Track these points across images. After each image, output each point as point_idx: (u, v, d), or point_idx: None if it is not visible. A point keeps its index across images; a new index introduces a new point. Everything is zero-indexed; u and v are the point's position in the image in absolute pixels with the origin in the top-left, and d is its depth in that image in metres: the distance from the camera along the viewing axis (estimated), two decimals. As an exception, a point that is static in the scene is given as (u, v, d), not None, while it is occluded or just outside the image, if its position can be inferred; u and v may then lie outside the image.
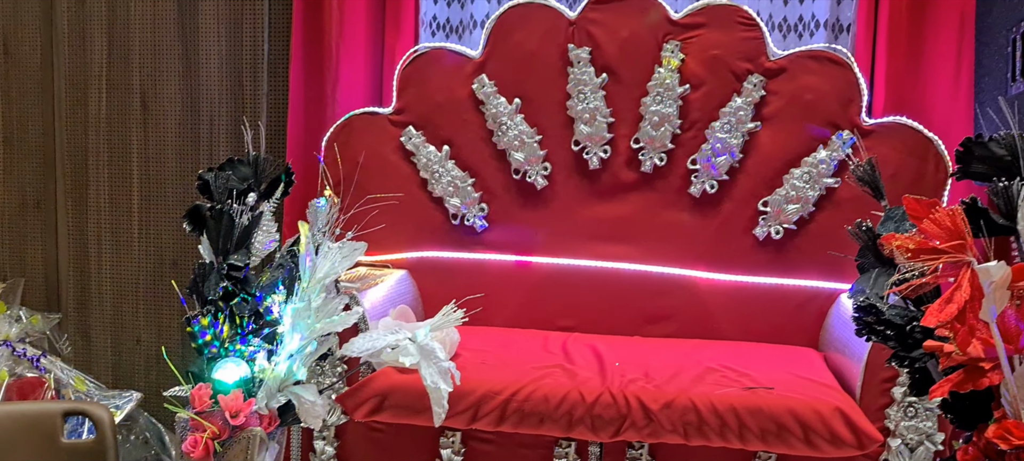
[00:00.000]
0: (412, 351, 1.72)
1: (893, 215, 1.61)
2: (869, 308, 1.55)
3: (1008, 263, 1.43)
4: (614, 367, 2.10)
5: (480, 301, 2.32)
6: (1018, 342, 1.40)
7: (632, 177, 2.51)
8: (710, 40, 2.44)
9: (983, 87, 2.33)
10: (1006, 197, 1.51)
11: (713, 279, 2.47)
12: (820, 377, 2.06)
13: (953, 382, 1.42)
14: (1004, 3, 2.18)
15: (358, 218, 2.12)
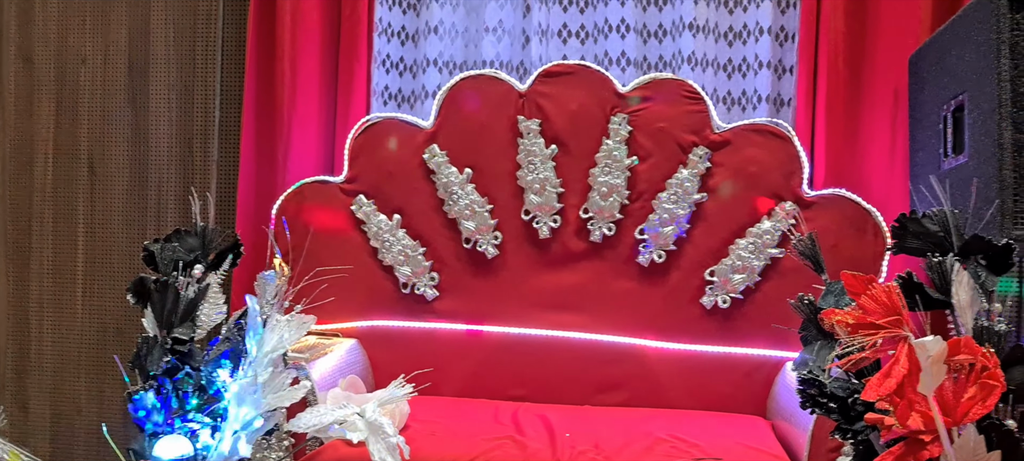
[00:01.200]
0: (360, 427, 1.71)
1: (833, 289, 1.65)
2: (812, 381, 1.59)
3: (944, 337, 1.47)
4: (564, 438, 2.10)
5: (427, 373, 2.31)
6: (956, 415, 1.44)
7: (582, 247, 2.54)
8: (657, 113, 2.50)
9: (918, 161, 2.41)
10: (940, 272, 1.57)
11: (662, 348, 2.49)
12: (767, 447, 2.08)
13: (895, 455, 1.45)
14: (935, 82, 2.27)
15: (308, 288, 2.11)
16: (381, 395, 1.77)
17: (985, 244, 1.55)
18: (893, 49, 2.52)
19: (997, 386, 1.42)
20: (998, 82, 1.89)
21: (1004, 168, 1.88)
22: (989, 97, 1.93)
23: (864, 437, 1.54)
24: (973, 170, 2.02)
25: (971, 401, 1.42)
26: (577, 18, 2.76)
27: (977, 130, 2.01)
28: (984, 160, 1.96)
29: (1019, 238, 1.87)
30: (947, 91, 2.19)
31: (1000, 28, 1.89)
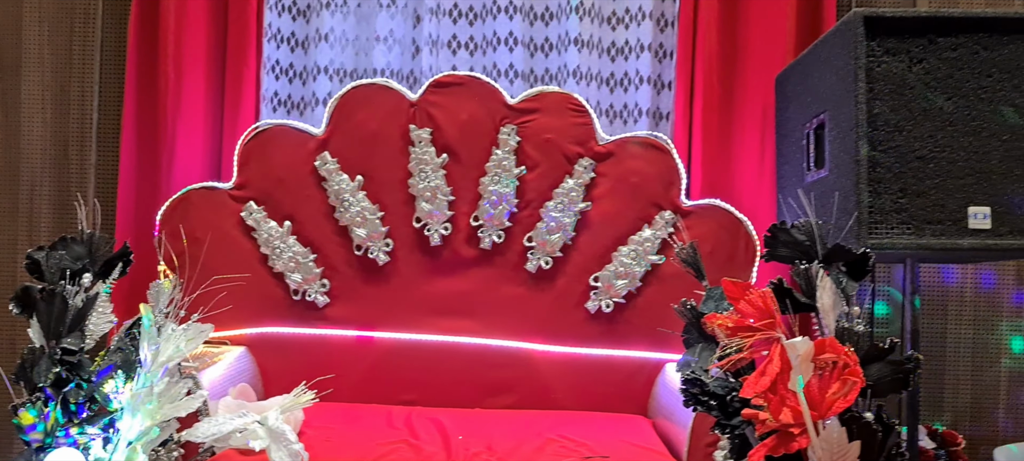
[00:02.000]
0: (262, 434, 1.71)
1: (713, 295, 1.77)
2: (695, 381, 1.70)
3: (810, 337, 1.61)
4: (458, 441, 2.15)
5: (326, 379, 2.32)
6: (822, 409, 1.57)
7: (472, 253, 2.60)
8: (544, 125, 2.59)
9: (784, 174, 2.59)
10: (806, 278, 1.71)
11: (549, 351, 2.58)
12: (650, 444, 2.20)
13: (768, 447, 1.57)
14: (799, 101, 2.45)
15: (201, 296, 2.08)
16: (283, 402, 1.78)
17: (845, 252, 1.70)
18: (762, 69, 2.70)
19: (857, 382, 1.57)
20: (855, 103, 2.07)
21: (861, 182, 2.06)
22: (847, 117, 2.11)
23: (740, 431, 1.66)
24: (833, 183, 2.20)
25: (835, 396, 1.56)
26: (467, 30, 2.82)
27: (837, 147, 2.19)
28: (843, 174, 2.14)
29: (875, 247, 2.05)
30: (810, 110, 2.37)
31: (857, 54, 2.08)
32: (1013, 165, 2.07)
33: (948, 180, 2.07)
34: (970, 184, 2.06)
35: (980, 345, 2.86)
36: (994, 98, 2.07)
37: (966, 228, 2.06)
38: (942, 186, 2.07)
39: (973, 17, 2.10)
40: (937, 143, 2.07)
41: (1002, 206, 2.06)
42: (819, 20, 2.69)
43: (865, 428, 1.60)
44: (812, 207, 1.82)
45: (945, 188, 2.07)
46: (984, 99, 2.08)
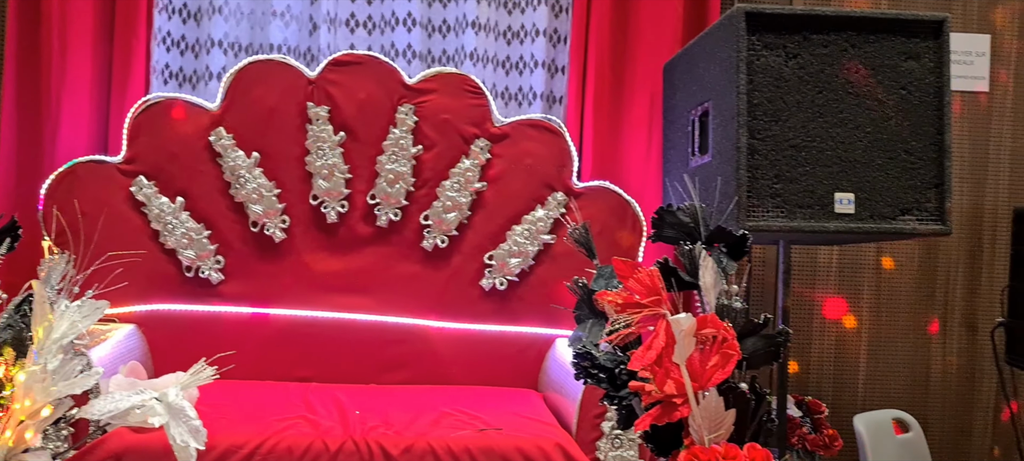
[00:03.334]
0: (160, 411, 1.70)
1: (603, 273, 1.86)
2: (585, 355, 1.79)
3: (693, 314, 1.72)
4: (354, 416, 2.19)
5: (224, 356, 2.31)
6: (702, 380, 1.69)
7: (368, 231, 2.63)
8: (441, 105, 2.64)
9: (669, 158, 2.72)
10: (690, 258, 1.82)
11: (444, 328, 2.65)
12: (541, 416, 2.29)
13: (653, 416, 1.68)
14: (685, 89, 2.57)
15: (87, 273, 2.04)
16: (182, 378, 1.77)
17: (726, 234, 1.82)
18: (651, 57, 2.82)
19: (734, 355, 1.69)
20: (736, 93, 2.20)
21: (740, 168, 2.19)
22: (729, 105, 2.24)
23: (627, 402, 1.77)
24: (716, 169, 2.34)
25: (714, 368, 1.68)
26: (365, 9, 2.83)
27: (719, 134, 2.33)
28: (725, 160, 2.28)
29: (752, 229, 2.19)
30: (695, 98, 2.50)
31: (739, 47, 2.20)
32: (875, 154, 2.24)
33: (817, 167, 2.22)
34: (837, 172, 2.23)
35: (844, 321, 3.08)
36: (860, 93, 2.24)
37: (833, 212, 2.22)
38: (812, 173, 2.22)
39: (843, 16, 2.26)
40: (809, 133, 2.23)
41: (864, 192, 2.23)
42: (705, 12, 2.82)
43: (740, 398, 1.72)
44: (696, 190, 1.94)
45: (815, 175, 2.22)
46: (851, 93, 2.24)
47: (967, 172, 3.14)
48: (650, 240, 1.91)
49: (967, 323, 3.16)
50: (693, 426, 1.70)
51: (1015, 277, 2.86)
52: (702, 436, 1.69)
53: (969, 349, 3.15)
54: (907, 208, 2.26)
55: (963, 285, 3.15)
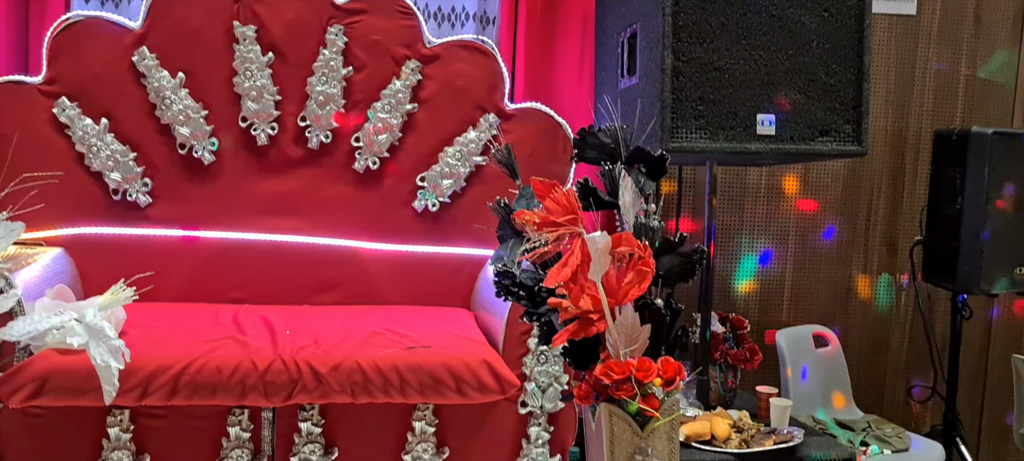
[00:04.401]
0: (80, 332, 1.71)
1: (525, 193, 1.89)
2: (506, 273, 1.83)
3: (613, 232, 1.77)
4: (285, 335, 2.22)
5: (147, 277, 2.32)
6: (618, 296, 1.74)
7: (299, 153, 2.62)
8: (372, 26, 2.61)
9: (600, 80, 2.74)
10: (611, 178, 1.86)
11: (376, 249, 2.67)
12: (470, 334, 2.34)
13: (570, 332, 1.73)
14: (616, 11, 2.58)
15: (9, 195, 2.02)
16: (101, 300, 1.77)
17: (645, 155, 1.85)
18: (583, -22, 2.82)
19: (649, 272, 1.74)
20: (662, 16, 2.22)
21: (665, 90, 2.22)
22: (655, 28, 2.26)
23: (547, 319, 1.82)
24: (642, 91, 2.36)
25: (629, 285, 1.73)
26: (292, -74, 2.76)
27: (646, 56, 2.35)
28: (651, 82, 2.30)
29: (676, 150, 2.24)
30: (624, 20, 2.51)
31: (665, -31, 2.21)
32: (796, 77, 2.29)
33: (741, 90, 2.26)
34: (759, 94, 2.27)
35: (772, 241, 3.17)
36: (782, 16, 2.27)
37: (755, 134, 2.27)
38: (735, 95, 2.26)
39: (768, -62, 2.28)
40: (733, 56, 2.26)
41: (785, 114, 2.28)
42: (637, -67, 2.81)
43: (655, 313, 1.79)
44: (618, 112, 1.97)
45: (738, 97, 2.27)
46: (774, 16, 2.27)
47: (893, 95, 3.22)
48: (573, 161, 1.94)
49: (888, 242, 3.27)
50: (609, 341, 1.76)
51: (933, 197, 2.96)
52: (618, 350, 1.75)
53: (889, 267, 3.27)
54: (826, 130, 2.32)
55: (885, 205, 3.25)
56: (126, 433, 2.10)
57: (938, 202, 2.93)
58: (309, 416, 2.16)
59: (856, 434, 2.77)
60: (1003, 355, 3.29)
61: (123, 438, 2.10)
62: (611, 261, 1.72)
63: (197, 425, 2.14)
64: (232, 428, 2.14)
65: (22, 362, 1.99)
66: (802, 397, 2.89)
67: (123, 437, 2.09)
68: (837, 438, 2.55)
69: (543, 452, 2.27)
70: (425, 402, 2.17)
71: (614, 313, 1.74)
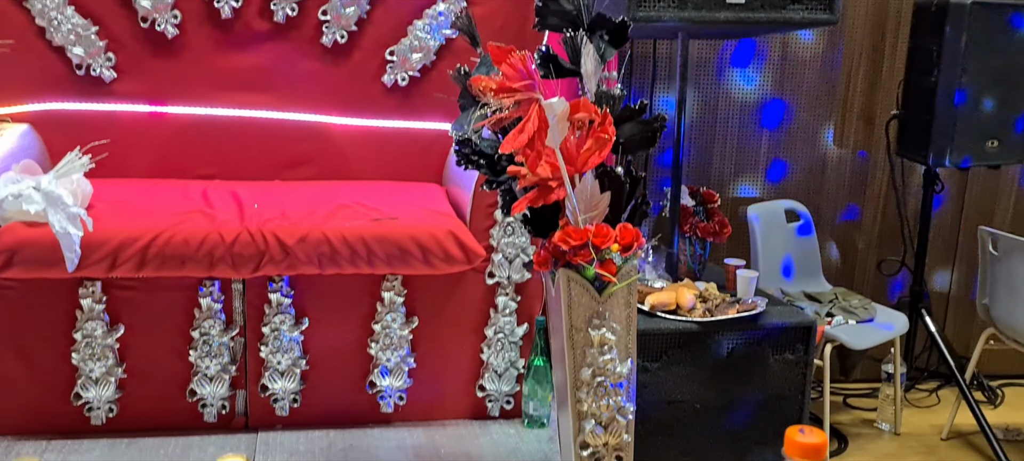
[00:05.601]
0: (37, 199, 1.71)
1: (486, 61, 1.87)
2: (466, 141, 1.83)
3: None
4: (252, 209, 2.23)
5: (115, 154, 2.32)
6: (577, 164, 1.74)
7: (265, 27, 2.57)
8: None
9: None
10: (573, 45, 1.84)
11: (346, 124, 2.65)
12: (439, 207, 2.35)
13: (529, 199, 1.74)
14: None
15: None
16: (57, 168, 1.77)
17: (606, 22, 1.83)
18: None
19: (609, 139, 1.74)
20: None
21: (633, -43, 2.17)
22: None
23: (508, 187, 1.82)
24: (611, -42, 2.31)
25: (588, 152, 1.73)
26: None
27: (615, -78, 2.29)
28: (620, -50, 2.25)
29: (643, 19, 2.21)
30: None
31: None
32: (769, -57, 2.24)
33: (710, -44, 2.22)
34: (729, -40, 2.22)
35: (745, 113, 3.16)
36: None
37: (723, 2, 2.24)
38: (705, -38, 2.22)
39: None
40: (703, -80, 2.20)
41: (756, -18, 2.24)
42: None
43: (615, 180, 1.79)
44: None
45: (708, -36, 2.22)
46: None
47: (875, -35, 3.15)
48: (533, 28, 1.92)
49: (865, 116, 3.26)
50: (569, 208, 1.77)
51: (910, 70, 2.93)
52: (577, 218, 1.76)
53: (865, 142, 3.27)
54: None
55: (864, 79, 3.23)
56: (99, 304, 2.13)
57: (914, 75, 2.91)
58: (279, 287, 2.19)
59: (823, 305, 2.83)
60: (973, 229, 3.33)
61: (96, 309, 2.13)
62: (570, 128, 1.72)
63: (169, 296, 2.17)
64: (203, 299, 2.17)
65: (-11, 235, 2.01)
66: (771, 271, 2.93)
67: (96, 308, 2.13)
68: (802, 309, 2.59)
69: (510, 321, 2.31)
70: (393, 273, 2.20)
71: (573, 180, 1.74)
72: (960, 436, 2.95)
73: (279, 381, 2.24)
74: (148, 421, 2.22)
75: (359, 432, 2.28)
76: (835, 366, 3.30)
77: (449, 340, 2.32)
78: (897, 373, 2.93)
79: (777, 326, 2.32)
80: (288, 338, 2.21)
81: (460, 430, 2.32)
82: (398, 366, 2.28)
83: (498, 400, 2.37)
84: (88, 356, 2.14)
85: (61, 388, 2.17)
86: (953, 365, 2.89)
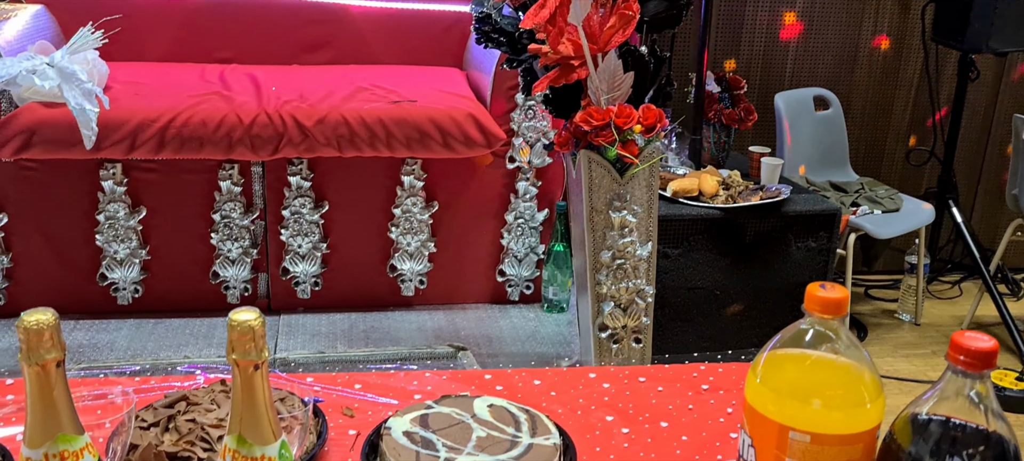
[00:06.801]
0: (51, 75, 1.69)
1: (507, -65, 1.81)
2: (486, 18, 1.78)
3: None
4: (271, 91, 2.20)
5: (130, 37, 2.29)
6: (601, 42, 1.69)
7: (281, -96, 2.50)
8: None
9: None
10: (598, -81, 1.76)
11: (366, 6, 2.59)
12: (459, 90, 2.31)
13: (550, 78, 1.70)
14: None
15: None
16: (70, 43, 1.75)
17: None
18: None
19: (633, 17, 1.68)
20: None
21: None
22: None
23: (529, 65, 1.78)
24: None
25: (612, 30, 1.68)
26: None
27: None
28: None
29: None
30: None
31: None
32: None
33: None
34: None
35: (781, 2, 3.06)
36: None
37: None
38: None
39: None
40: None
41: None
42: None
43: (639, 60, 1.74)
44: None
45: None
46: None
47: None
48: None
49: (901, 2, 3.15)
50: (591, 87, 1.73)
51: (949, -48, 2.82)
52: (599, 97, 1.73)
53: (900, 27, 3.17)
54: None
55: (901, -38, 3.11)
56: (120, 186, 2.13)
57: (953, -43, 2.79)
58: (298, 170, 2.18)
59: (848, 195, 2.79)
60: (1007, 118, 3.24)
61: (117, 191, 2.14)
62: (593, 5, 1.66)
63: (189, 179, 2.17)
64: (223, 182, 2.17)
65: (7, 115, 2.00)
66: (798, 159, 2.88)
67: (118, 190, 2.13)
68: (827, 198, 2.56)
69: (531, 206, 2.29)
70: (412, 156, 2.18)
71: (596, 59, 1.70)
72: (981, 327, 2.94)
73: (300, 264, 2.25)
74: (173, 302, 2.25)
75: (380, 315, 2.30)
76: (858, 257, 3.28)
77: (469, 225, 2.31)
78: (920, 263, 2.90)
79: (801, 214, 2.29)
80: (308, 221, 2.21)
81: (480, 314, 2.34)
82: (418, 250, 2.29)
83: (518, 285, 2.38)
84: (112, 238, 2.16)
85: (87, 269, 2.20)
86: (978, 256, 2.86)
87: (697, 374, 1.20)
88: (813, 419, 0.60)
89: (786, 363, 0.63)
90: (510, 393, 1.12)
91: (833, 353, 0.62)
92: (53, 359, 0.65)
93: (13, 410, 1.05)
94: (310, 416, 0.93)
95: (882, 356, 2.71)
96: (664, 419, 1.08)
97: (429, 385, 1.15)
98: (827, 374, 0.62)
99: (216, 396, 0.99)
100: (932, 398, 0.62)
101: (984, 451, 0.59)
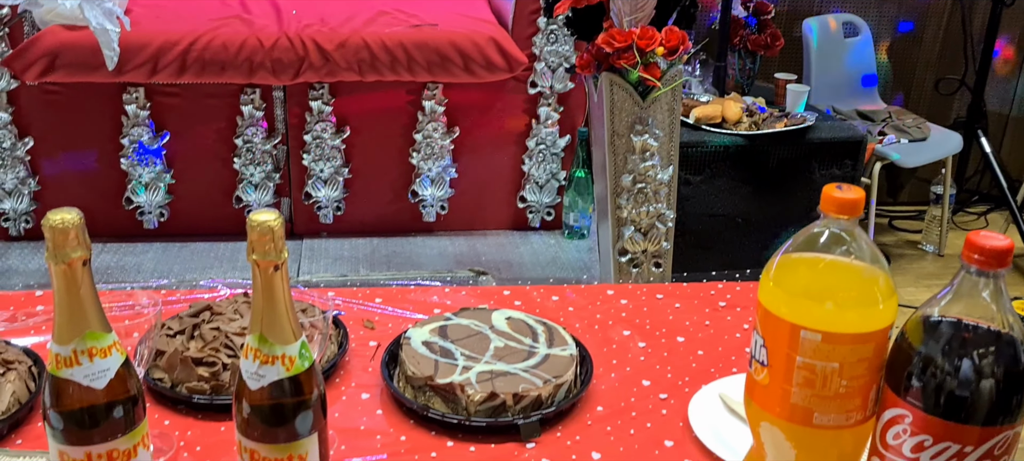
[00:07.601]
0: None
1: None
2: (507, -62, 1.75)
3: None
4: (291, 15, 2.19)
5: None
6: (623, -38, 1.66)
7: None
8: None
9: None
10: None
11: (386, -71, 2.56)
12: (480, 14, 2.29)
13: (571, 1, 1.68)
14: None
15: None
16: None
17: None
18: None
19: (657, -65, 1.66)
20: None
21: None
22: None
23: (551, -13, 1.76)
24: None
25: (635, -51, 1.65)
26: None
27: None
28: None
29: None
30: None
31: None
32: None
33: None
34: None
35: (806, -77, 2.99)
36: None
37: None
38: None
39: None
40: None
41: None
42: None
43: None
44: None
45: None
46: None
47: None
48: None
49: (935, -74, 3.07)
50: (614, 9, 1.71)
51: None
52: (622, 19, 1.71)
53: (932, -47, 3.09)
54: None
55: None
56: (143, 110, 2.15)
57: None
58: (319, 95, 2.18)
59: (875, 124, 2.75)
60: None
61: (141, 115, 2.15)
62: (615, -78, 1.63)
63: (211, 103, 2.18)
64: (245, 106, 2.17)
65: (30, 38, 2.01)
66: (825, 86, 2.84)
67: (141, 114, 2.15)
68: (854, 126, 2.53)
69: (552, 133, 2.29)
70: (433, 80, 2.17)
71: (618, -20, 1.67)
72: (1007, 258, 2.91)
73: (322, 189, 2.27)
74: (198, 226, 2.28)
75: (402, 240, 2.32)
76: (883, 186, 3.25)
77: (491, 151, 2.31)
78: (946, 194, 2.87)
79: (825, 141, 2.27)
80: (330, 146, 2.22)
81: (501, 239, 2.35)
82: (440, 176, 2.29)
83: (539, 211, 2.38)
84: (136, 162, 2.18)
85: (113, 193, 2.22)
86: (1005, 186, 2.83)
87: (714, 292, 1.20)
88: (825, 318, 0.61)
89: (800, 265, 0.63)
90: (528, 308, 1.14)
91: (847, 255, 0.62)
92: (79, 257, 0.66)
93: (44, 319, 1.07)
94: (330, 325, 0.95)
95: (904, 286, 2.70)
96: (680, 334, 1.09)
97: (448, 300, 1.17)
98: (840, 274, 0.62)
99: (239, 306, 1.01)
100: (945, 298, 0.62)
101: (995, 352, 0.59)
